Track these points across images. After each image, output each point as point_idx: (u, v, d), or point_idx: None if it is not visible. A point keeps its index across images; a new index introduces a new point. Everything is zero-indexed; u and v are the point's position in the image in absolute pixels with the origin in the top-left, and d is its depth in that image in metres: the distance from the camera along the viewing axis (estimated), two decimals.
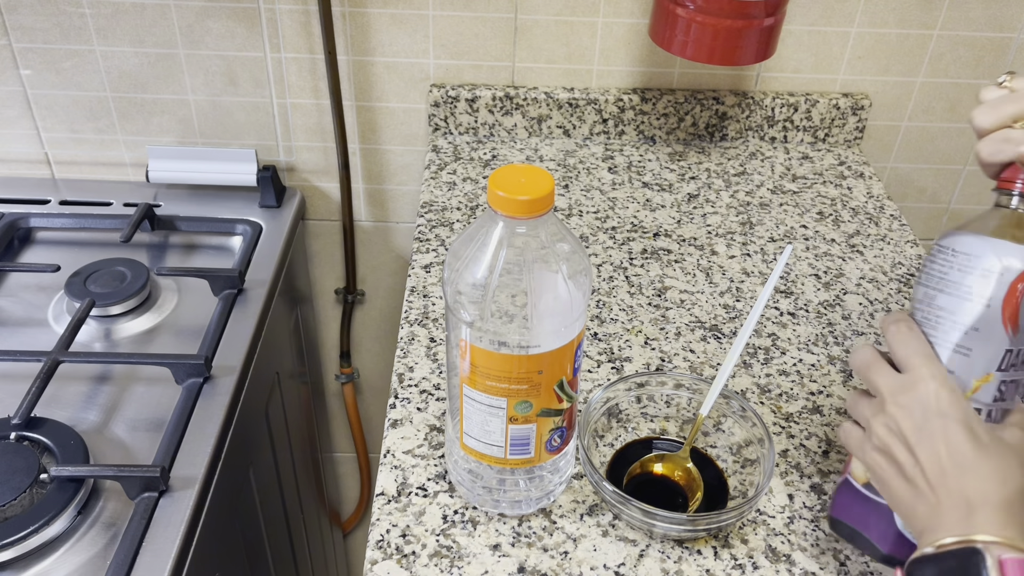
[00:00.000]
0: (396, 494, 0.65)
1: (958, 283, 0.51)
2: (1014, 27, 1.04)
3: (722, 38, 0.89)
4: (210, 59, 1.03)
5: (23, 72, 1.03)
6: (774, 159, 1.07)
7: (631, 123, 1.08)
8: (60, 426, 0.76)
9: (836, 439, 0.71)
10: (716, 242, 0.93)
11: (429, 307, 0.82)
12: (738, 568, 0.61)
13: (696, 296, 0.85)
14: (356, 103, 1.06)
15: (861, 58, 1.06)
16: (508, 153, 1.05)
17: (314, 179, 1.13)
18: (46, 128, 1.08)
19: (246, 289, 0.95)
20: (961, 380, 0.51)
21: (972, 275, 0.50)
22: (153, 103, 1.06)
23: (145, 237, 1.03)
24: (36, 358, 0.80)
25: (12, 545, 0.66)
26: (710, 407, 0.66)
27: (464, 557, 0.60)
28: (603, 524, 0.63)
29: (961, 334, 0.51)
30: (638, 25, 1.02)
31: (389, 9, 1.00)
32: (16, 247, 1.01)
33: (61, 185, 1.10)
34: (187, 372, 0.82)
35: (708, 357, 0.78)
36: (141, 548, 0.67)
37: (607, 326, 0.81)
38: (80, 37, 1.00)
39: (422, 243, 0.90)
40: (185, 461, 0.75)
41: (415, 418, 0.71)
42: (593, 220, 0.95)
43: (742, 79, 1.07)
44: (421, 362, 0.76)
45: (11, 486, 0.69)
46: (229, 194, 1.08)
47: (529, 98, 1.05)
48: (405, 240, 1.18)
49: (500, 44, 1.03)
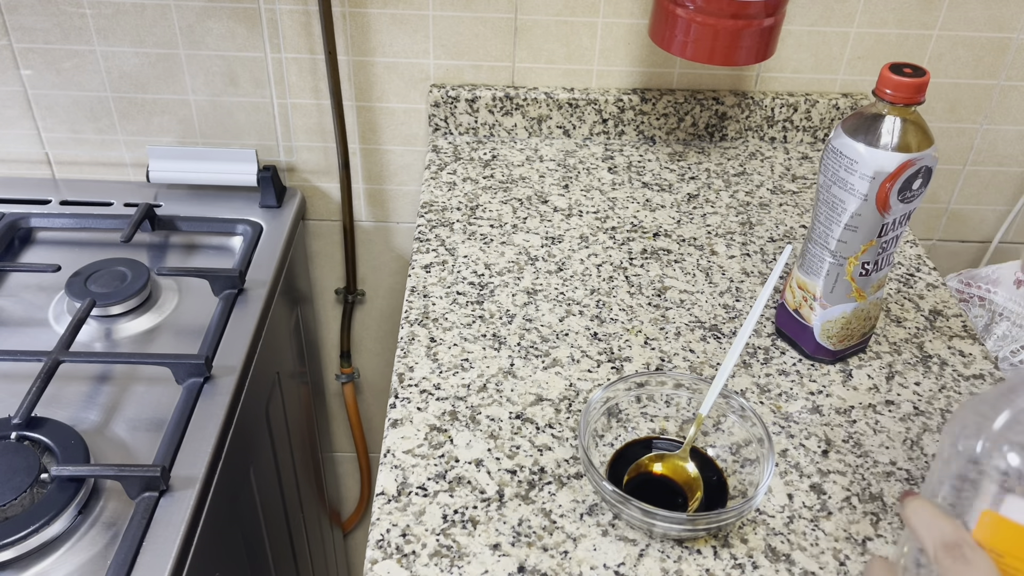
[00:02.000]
0: (396, 494, 0.65)
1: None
2: (1013, 27, 1.04)
3: (722, 38, 0.89)
4: (210, 59, 1.03)
5: (24, 72, 1.03)
6: (774, 159, 1.07)
7: (631, 123, 1.08)
8: (61, 426, 0.76)
9: None
10: (716, 242, 0.93)
11: (429, 307, 0.82)
12: (738, 568, 0.61)
13: (696, 296, 0.85)
14: (356, 103, 1.07)
15: (861, 58, 1.06)
16: (508, 153, 1.05)
17: (314, 179, 1.13)
18: (47, 128, 1.08)
19: (246, 289, 0.95)
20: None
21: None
22: (153, 103, 1.06)
23: (145, 237, 1.03)
24: (37, 358, 0.80)
25: (12, 545, 0.67)
26: (710, 407, 0.66)
27: (464, 557, 0.60)
28: (603, 524, 0.63)
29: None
30: (638, 25, 1.02)
31: (389, 9, 1.00)
32: (17, 247, 1.01)
33: (62, 185, 1.10)
34: (187, 372, 0.82)
35: (708, 357, 0.78)
36: (141, 548, 0.68)
37: (607, 326, 0.81)
38: (81, 37, 1.01)
39: (422, 243, 0.90)
40: (185, 461, 0.75)
41: (415, 418, 0.71)
42: (593, 220, 0.95)
43: (742, 79, 1.07)
44: (421, 362, 0.76)
45: (11, 486, 0.69)
46: (229, 194, 1.08)
47: (529, 98, 1.05)
48: (405, 240, 1.18)
49: (500, 44, 1.03)
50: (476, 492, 0.65)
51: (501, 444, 0.69)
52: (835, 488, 0.67)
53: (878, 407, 0.74)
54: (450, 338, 0.79)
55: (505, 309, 0.82)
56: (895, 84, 0.66)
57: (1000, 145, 1.13)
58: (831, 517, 0.65)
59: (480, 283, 0.85)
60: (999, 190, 1.18)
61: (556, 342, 0.79)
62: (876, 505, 0.65)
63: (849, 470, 0.68)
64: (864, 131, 0.68)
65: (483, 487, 0.65)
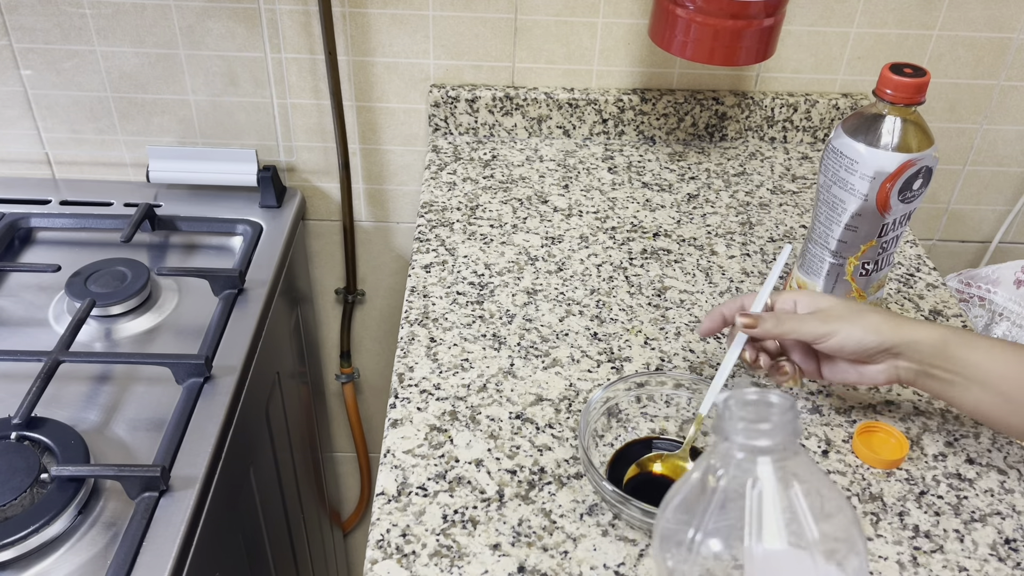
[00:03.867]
0: (396, 494, 0.65)
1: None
2: (1013, 27, 1.04)
3: (722, 38, 0.89)
4: (210, 59, 1.03)
5: (24, 72, 1.03)
6: (774, 159, 1.07)
7: (631, 123, 1.08)
8: (60, 426, 0.76)
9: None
10: (716, 242, 0.93)
11: (429, 307, 0.82)
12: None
13: (696, 296, 0.85)
14: (356, 103, 1.06)
15: (861, 58, 1.06)
16: (508, 153, 1.05)
17: (314, 179, 1.13)
18: (47, 128, 1.08)
19: (246, 289, 0.95)
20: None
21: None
22: (153, 103, 1.06)
23: (145, 237, 1.03)
24: (37, 358, 0.80)
25: (12, 545, 0.66)
26: (709, 406, 0.66)
27: (464, 557, 0.60)
28: (603, 524, 0.63)
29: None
30: (638, 25, 1.02)
31: (389, 9, 1.00)
32: (17, 247, 1.01)
33: (62, 185, 1.10)
34: (187, 372, 0.82)
35: (708, 357, 0.78)
36: (141, 548, 0.67)
37: (607, 326, 0.81)
38: (81, 37, 1.01)
39: (422, 243, 0.90)
40: (185, 461, 0.75)
41: (415, 418, 0.71)
42: (593, 220, 0.95)
43: (742, 79, 1.07)
44: (421, 362, 0.76)
45: (11, 486, 0.69)
46: (229, 194, 1.08)
47: (529, 98, 1.05)
48: (405, 240, 1.18)
49: (500, 44, 1.03)
50: (476, 492, 0.65)
51: (501, 444, 0.69)
52: None
53: (878, 407, 0.74)
54: (450, 338, 0.79)
55: (505, 309, 0.82)
56: (895, 84, 0.66)
57: (1000, 145, 1.13)
58: None
59: (480, 283, 0.85)
60: (999, 190, 1.18)
61: (556, 342, 0.79)
62: (876, 505, 0.65)
63: (849, 470, 0.68)
64: (864, 131, 0.68)
65: (483, 487, 0.65)
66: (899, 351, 0.63)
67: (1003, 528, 0.64)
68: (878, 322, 0.63)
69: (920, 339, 0.63)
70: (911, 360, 0.64)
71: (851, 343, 0.63)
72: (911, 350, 0.63)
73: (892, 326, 0.63)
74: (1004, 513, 0.66)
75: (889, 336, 0.63)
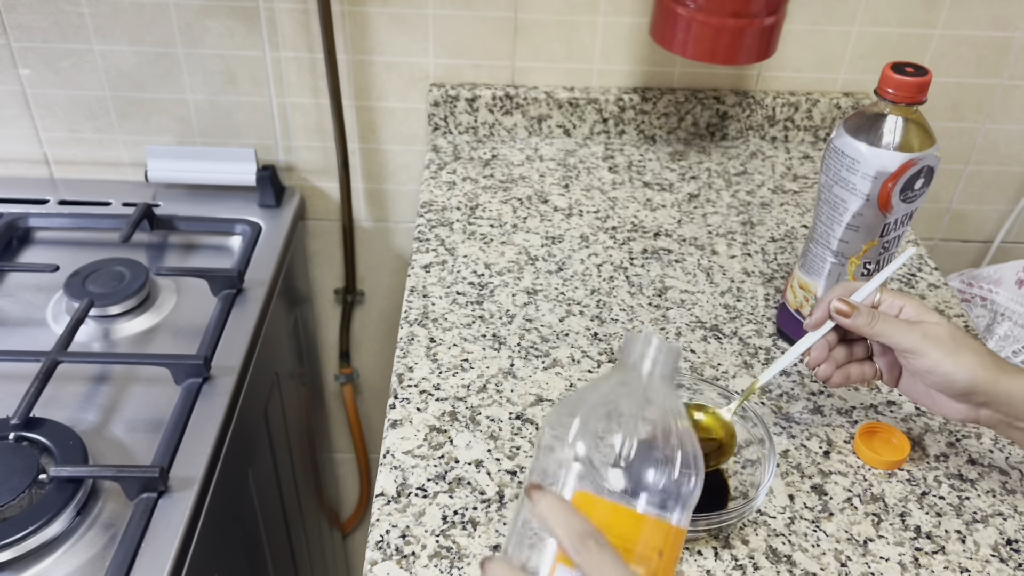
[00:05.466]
0: (396, 494, 0.64)
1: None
2: (1016, 26, 1.03)
3: (723, 37, 0.89)
4: (209, 58, 1.02)
5: (22, 71, 1.03)
6: (775, 159, 1.07)
7: (631, 122, 1.08)
8: (59, 426, 0.75)
9: (835, 438, 0.70)
10: (717, 242, 0.92)
11: (429, 307, 0.82)
12: (739, 569, 0.60)
13: (696, 296, 0.85)
14: (355, 102, 1.06)
15: (862, 57, 1.06)
16: (508, 153, 1.05)
17: (313, 179, 1.13)
18: (45, 128, 1.08)
19: (245, 289, 0.95)
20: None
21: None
22: (152, 102, 1.06)
23: (144, 237, 1.03)
24: (35, 358, 0.80)
25: (11, 545, 0.66)
26: (768, 378, 0.66)
27: (464, 558, 0.60)
28: None
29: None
30: (638, 24, 1.02)
31: (389, 8, 1.00)
32: (15, 247, 1.01)
33: (60, 185, 1.10)
34: (186, 372, 0.82)
35: (708, 357, 0.78)
36: (140, 548, 0.67)
37: (607, 326, 0.80)
38: (79, 36, 1.00)
39: (422, 243, 0.90)
40: (184, 461, 0.75)
41: (415, 418, 0.70)
42: (593, 220, 0.95)
43: (743, 78, 1.07)
44: (421, 362, 0.76)
45: (10, 486, 0.69)
46: (228, 194, 1.08)
47: (529, 97, 1.05)
48: (405, 240, 1.18)
49: (500, 43, 1.03)
50: (476, 493, 0.65)
51: (501, 445, 0.68)
52: (836, 489, 0.66)
53: (879, 407, 0.74)
54: (450, 338, 0.78)
55: (505, 309, 0.82)
56: (897, 83, 0.66)
57: (1002, 144, 1.13)
58: (832, 518, 0.64)
59: (480, 283, 0.85)
60: (1001, 190, 1.17)
61: (556, 342, 0.78)
62: (878, 506, 0.65)
63: (851, 471, 0.68)
64: (866, 130, 0.68)
65: (483, 488, 0.65)
66: (988, 401, 0.60)
67: (1005, 529, 0.64)
68: (974, 364, 0.59)
69: (1015, 393, 0.59)
70: (999, 411, 0.60)
71: (938, 374, 0.60)
72: (1001, 403, 0.59)
73: (989, 375, 0.59)
74: (1006, 514, 0.65)
75: (983, 385, 0.59)
